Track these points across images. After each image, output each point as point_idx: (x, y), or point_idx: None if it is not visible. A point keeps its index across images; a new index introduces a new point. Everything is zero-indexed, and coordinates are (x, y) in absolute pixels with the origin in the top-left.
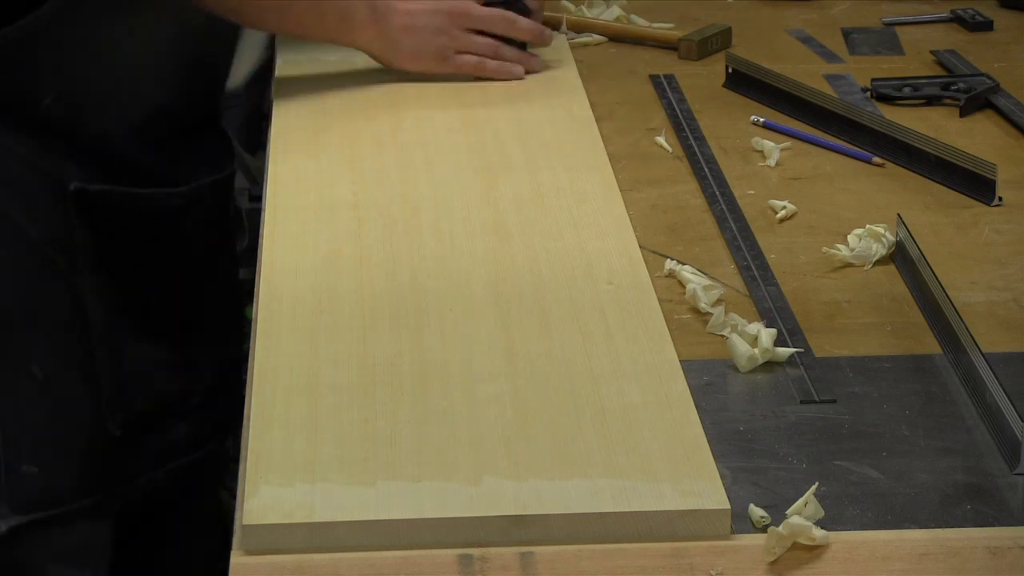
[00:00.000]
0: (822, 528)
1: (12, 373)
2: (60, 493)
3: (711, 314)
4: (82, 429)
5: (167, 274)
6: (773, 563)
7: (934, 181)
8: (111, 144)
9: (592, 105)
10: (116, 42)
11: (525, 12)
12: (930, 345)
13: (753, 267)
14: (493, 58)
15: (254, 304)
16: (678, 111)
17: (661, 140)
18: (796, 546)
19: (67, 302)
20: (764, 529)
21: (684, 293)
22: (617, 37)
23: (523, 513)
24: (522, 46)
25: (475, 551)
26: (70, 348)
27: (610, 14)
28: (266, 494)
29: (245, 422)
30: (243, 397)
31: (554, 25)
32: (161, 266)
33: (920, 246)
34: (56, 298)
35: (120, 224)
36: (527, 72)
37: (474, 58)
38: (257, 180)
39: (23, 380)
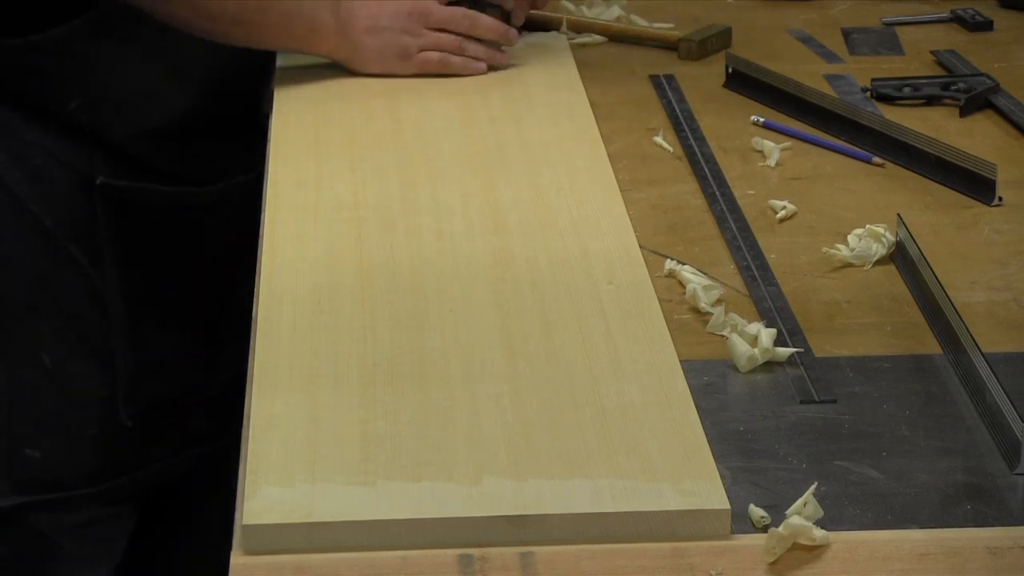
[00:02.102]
0: (822, 528)
1: (20, 359)
2: (65, 478)
3: (711, 314)
4: (92, 417)
5: (194, 268)
6: (773, 563)
7: (934, 181)
8: (136, 147)
9: (592, 105)
10: (141, 57)
11: (491, 10)
12: (930, 345)
13: (753, 267)
14: (457, 54)
15: (254, 304)
16: (678, 111)
17: (661, 140)
18: (796, 546)
19: (83, 292)
20: (764, 529)
21: (684, 293)
22: (617, 37)
23: (523, 513)
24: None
25: (475, 551)
26: (83, 337)
27: (610, 14)
28: (266, 494)
29: (245, 422)
30: None
31: (554, 25)
32: (188, 260)
33: (920, 246)
34: (70, 288)
35: (145, 219)
36: (494, 68)
37: (437, 55)
38: None
39: (31, 367)
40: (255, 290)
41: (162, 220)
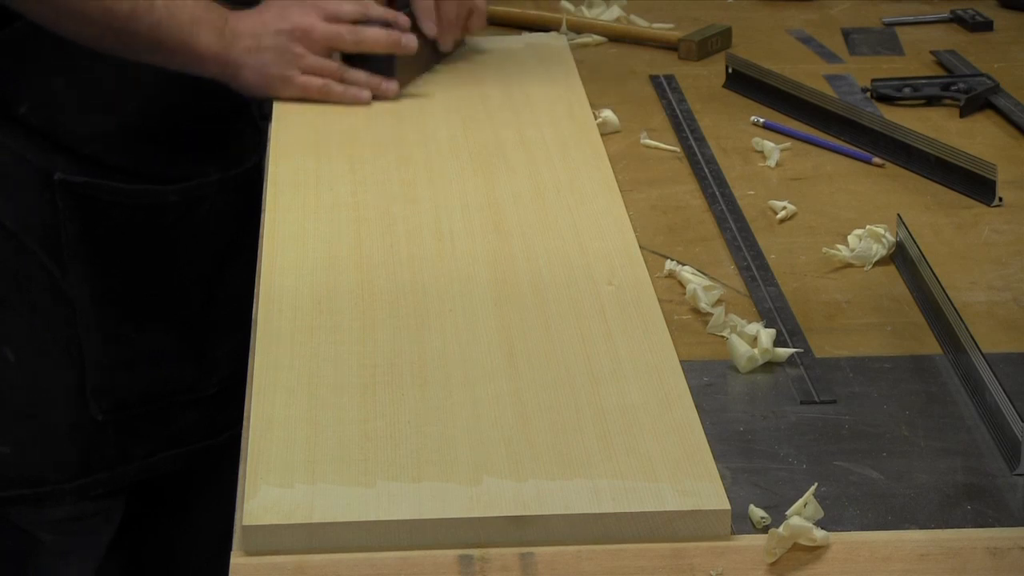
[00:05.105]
0: (822, 528)
1: None
2: (41, 473)
3: (711, 314)
4: (62, 412)
5: (171, 265)
6: (773, 564)
7: (934, 181)
8: (94, 146)
9: (592, 105)
10: (90, 60)
11: (385, 24)
12: (930, 345)
13: (753, 267)
14: (338, 80)
15: (254, 304)
16: (678, 111)
17: (647, 140)
18: (796, 547)
19: (46, 288)
20: (764, 530)
21: (684, 293)
22: (617, 37)
23: (523, 514)
24: (390, 59)
25: (475, 552)
26: (50, 332)
27: (610, 14)
28: (266, 495)
29: (245, 422)
30: None
31: (554, 25)
32: (162, 258)
33: (920, 246)
34: (33, 283)
35: (108, 215)
36: (379, 98)
37: (319, 81)
38: None
39: None
40: (255, 290)
41: (128, 217)
